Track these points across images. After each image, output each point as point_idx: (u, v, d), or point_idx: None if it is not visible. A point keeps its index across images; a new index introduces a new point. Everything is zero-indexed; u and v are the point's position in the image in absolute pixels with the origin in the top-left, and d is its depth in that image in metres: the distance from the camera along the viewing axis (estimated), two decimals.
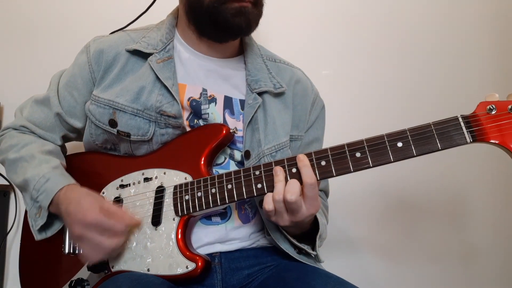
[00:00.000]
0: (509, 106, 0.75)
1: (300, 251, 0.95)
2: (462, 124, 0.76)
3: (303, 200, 0.80)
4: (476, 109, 0.77)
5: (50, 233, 0.93)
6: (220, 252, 0.93)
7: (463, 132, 0.75)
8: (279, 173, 0.81)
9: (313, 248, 0.95)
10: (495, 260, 1.46)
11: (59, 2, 1.41)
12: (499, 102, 0.76)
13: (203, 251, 0.91)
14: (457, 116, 0.76)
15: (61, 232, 0.95)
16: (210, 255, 0.91)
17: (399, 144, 0.78)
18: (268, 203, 0.81)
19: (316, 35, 1.47)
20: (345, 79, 1.47)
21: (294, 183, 0.80)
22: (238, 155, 0.97)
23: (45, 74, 1.15)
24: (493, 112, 0.76)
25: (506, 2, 1.53)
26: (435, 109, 1.46)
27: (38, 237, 0.92)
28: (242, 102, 1.00)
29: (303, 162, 0.80)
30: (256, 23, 0.95)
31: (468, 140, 0.75)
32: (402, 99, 1.47)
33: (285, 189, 0.80)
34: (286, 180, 0.81)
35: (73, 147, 1.12)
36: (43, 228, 0.92)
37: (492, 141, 0.75)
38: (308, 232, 0.94)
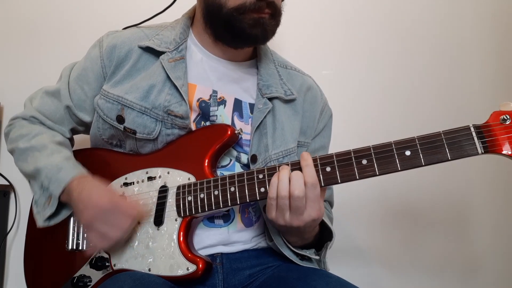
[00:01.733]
0: None
1: (303, 257, 0.94)
2: (473, 134, 0.73)
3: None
4: (489, 118, 0.74)
5: (53, 222, 0.93)
6: (222, 253, 0.93)
7: (475, 143, 0.73)
8: (283, 170, 0.80)
9: (318, 253, 0.94)
10: (496, 268, 1.44)
11: (59, 3, 1.40)
12: None
13: (204, 252, 0.90)
14: (468, 126, 0.74)
15: (65, 228, 0.95)
16: (212, 255, 0.91)
17: (407, 153, 0.76)
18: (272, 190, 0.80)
19: (316, 35, 1.46)
20: (345, 79, 1.45)
21: (299, 179, 0.78)
22: (244, 158, 0.96)
23: (46, 74, 1.16)
24: (507, 123, 0.73)
25: (506, 2, 1.50)
26: (435, 108, 1.44)
27: (41, 224, 0.92)
28: (251, 106, 0.99)
29: (306, 162, 0.79)
30: (272, 33, 0.94)
31: (479, 151, 0.73)
32: (402, 99, 1.45)
33: (291, 184, 0.78)
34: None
35: (79, 142, 1.12)
36: (50, 217, 0.92)
37: (504, 152, 0.72)
38: (310, 244, 0.93)
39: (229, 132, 0.91)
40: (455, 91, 1.45)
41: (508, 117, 0.73)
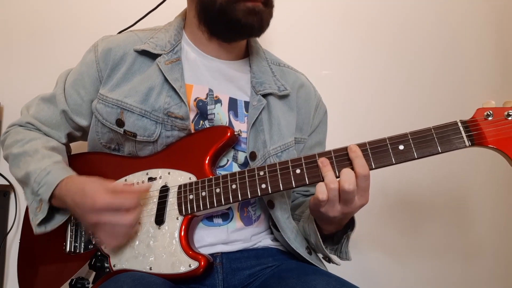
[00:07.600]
0: (506, 113, 0.78)
1: (325, 256, 0.95)
2: (461, 128, 0.79)
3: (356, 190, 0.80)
4: (474, 114, 0.80)
5: (50, 227, 0.92)
6: (222, 252, 0.93)
7: (462, 136, 0.79)
8: (326, 163, 0.82)
9: (339, 249, 0.95)
10: (497, 259, 1.47)
11: (59, 3, 1.42)
12: (496, 108, 0.79)
13: (204, 251, 0.91)
14: (456, 121, 0.80)
15: (62, 231, 0.95)
16: (212, 255, 0.91)
17: (401, 147, 0.80)
18: (322, 192, 0.80)
19: (317, 35, 1.50)
20: (345, 79, 1.49)
21: (349, 173, 0.79)
22: (242, 156, 0.98)
23: (46, 74, 1.17)
24: (490, 118, 0.79)
25: (506, 4, 1.57)
26: (435, 109, 1.49)
27: (37, 231, 0.91)
28: (246, 104, 1.01)
29: (356, 153, 0.80)
30: (267, 24, 0.97)
31: (467, 144, 0.78)
32: (401, 99, 1.49)
33: (341, 178, 0.79)
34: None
35: (76, 147, 1.12)
36: (43, 222, 0.91)
37: (490, 146, 0.78)
38: (341, 230, 0.93)
39: (228, 134, 0.93)
40: (455, 93, 1.51)
41: (491, 113, 0.79)
